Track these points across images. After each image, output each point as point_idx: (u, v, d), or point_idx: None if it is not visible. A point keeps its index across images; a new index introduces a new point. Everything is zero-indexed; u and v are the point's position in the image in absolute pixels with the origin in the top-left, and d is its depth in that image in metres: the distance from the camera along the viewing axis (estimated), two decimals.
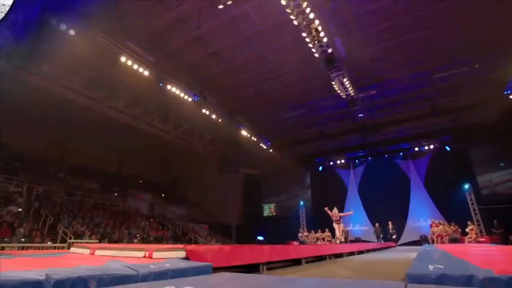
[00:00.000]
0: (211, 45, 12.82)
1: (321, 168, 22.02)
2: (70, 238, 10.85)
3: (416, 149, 18.38)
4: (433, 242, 13.39)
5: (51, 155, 17.95)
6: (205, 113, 15.24)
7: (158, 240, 14.04)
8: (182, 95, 13.69)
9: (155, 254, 2.68)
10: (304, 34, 11.03)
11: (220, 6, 10.07)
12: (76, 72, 13.17)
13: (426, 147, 18.10)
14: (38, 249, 9.20)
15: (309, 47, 11.66)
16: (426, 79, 15.17)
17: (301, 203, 21.43)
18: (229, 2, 10.08)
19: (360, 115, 16.99)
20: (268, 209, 22.92)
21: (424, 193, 17.56)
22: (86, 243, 9.48)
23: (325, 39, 11.40)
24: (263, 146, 19.75)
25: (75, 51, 11.41)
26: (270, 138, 20.18)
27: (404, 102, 16.98)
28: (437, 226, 13.75)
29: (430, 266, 2.00)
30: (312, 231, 16.64)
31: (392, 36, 12.39)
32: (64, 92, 13.18)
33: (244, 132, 17.69)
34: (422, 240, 15.01)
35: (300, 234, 17.38)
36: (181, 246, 2.66)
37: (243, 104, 17.24)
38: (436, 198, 17.01)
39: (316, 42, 11.33)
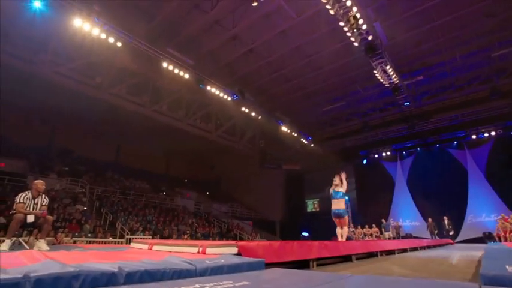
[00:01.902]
0: (247, 43, 12.92)
1: (365, 161, 21.10)
2: (127, 234, 11.76)
3: (474, 136, 16.59)
4: (499, 240, 11.98)
5: (107, 158, 19.58)
6: (244, 111, 15.44)
7: (205, 237, 14.62)
8: (221, 94, 14.01)
9: (208, 250, 2.79)
10: (341, 23, 10.62)
11: (255, 4, 10.09)
12: (123, 80, 14.16)
13: (486, 134, 16.25)
14: (102, 243, 10.12)
15: (347, 36, 11.21)
16: (483, 58, 13.71)
17: (346, 198, 20.75)
18: None
19: (405, 103, 15.92)
20: (312, 205, 22.60)
21: (485, 185, 15.84)
22: (143, 238, 10.21)
23: (364, 26, 10.86)
24: (304, 140, 19.48)
25: (122, 61, 12.27)
26: (311, 133, 19.82)
27: (456, 86, 15.54)
28: (506, 222, 12.15)
29: (507, 266, 1.80)
30: (359, 227, 16.04)
31: (437, 16, 11.38)
32: (114, 99, 14.26)
33: (284, 128, 17.61)
34: (486, 238, 13.60)
35: None
36: (233, 242, 2.73)
37: (282, 100, 17.16)
38: (501, 191, 15.22)
39: (354, 30, 10.84)
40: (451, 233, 14.01)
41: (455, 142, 17.60)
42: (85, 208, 13.02)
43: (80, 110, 14.30)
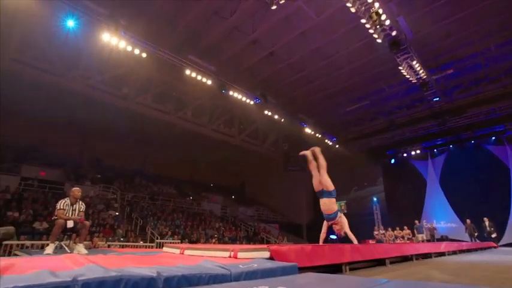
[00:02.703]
0: (267, 46, 12.95)
1: (393, 160, 20.36)
2: (157, 238, 12.10)
3: None
4: None
5: (135, 165, 20.33)
6: (267, 114, 15.46)
7: (232, 240, 14.71)
8: (244, 99, 14.12)
9: (240, 254, 2.79)
10: (363, 20, 10.37)
11: (274, 7, 10.09)
12: (149, 89, 14.67)
13: None
14: (134, 247, 10.47)
15: (369, 33, 10.93)
16: None
17: (374, 199, 20.09)
18: (282, 1, 10.04)
19: (435, 99, 15.19)
20: (339, 207, 22.08)
21: None
22: (174, 243, 10.45)
23: (387, 22, 10.54)
24: (328, 142, 19.15)
25: (147, 71, 12.73)
26: (335, 134, 19.45)
27: (491, 77, 14.62)
28: None
29: None
30: (389, 229, 15.45)
31: (467, 5, 10.78)
32: (140, 108, 14.81)
33: (307, 130, 17.42)
34: None
35: (375, 232, 16.31)
36: (264, 246, 2.72)
37: (304, 102, 16.99)
38: None
39: (377, 26, 10.54)
40: (494, 236, 13.07)
41: (493, 138, 16.53)
42: (117, 213, 13.57)
43: (108, 120, 14.95)
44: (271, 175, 22.63)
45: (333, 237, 20.14)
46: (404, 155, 19.67)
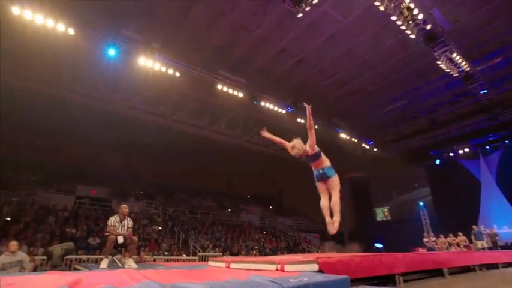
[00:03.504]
0: (296, 54, 12.94)
1: (438, 161, 18.98)
2: (199, 251, 12.33)
3: None
4: None
5: (174, 180, 21.08)
6: (300, 122, 15.31)
7: (273, 252, 14.55)
8: (276, 108, 14.16)
9: (287, 267, 2.73)
10: (394, 17, 9.99)
11: (300, 15, 10.09)
12: (184, 106, 15.27)
13: None
14: (178, 261, 10.76)
15: (401, 30, 10.48)
16: None
17: (421, 203, 18.78)
18: (308, 8, 10.02)
19: (482, 91, 14.03)
20: (382, 213, 20.99)
21: None
22: (217, 256, 10.58)
23: (420, 16, 10.05)
24: (365, 146, 18.43)
25: (182, 89, 13.27)
26: (372, 137, 18.69)
27: None
28: None
29: None
30: (441, 236, 14.24)
31: None
32: (177, 125, 15.45)
33: (343, 135, 16.93)
34: None
35: (425, 240, 15.14)
36: (312, 258, 2.63)
37: (337, 106, 16.58)
38: None
39: (410, 22, 10.09)
40: None
41: None
42: (160, 228, 14.10)
43: (148, 138, 15.76)
44: (309, 183, 22.11)
45: (379, 245, 19.16)
46: (451, 154, 18.26)
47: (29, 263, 6.02)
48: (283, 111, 14.53)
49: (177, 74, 11.53)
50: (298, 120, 15.33)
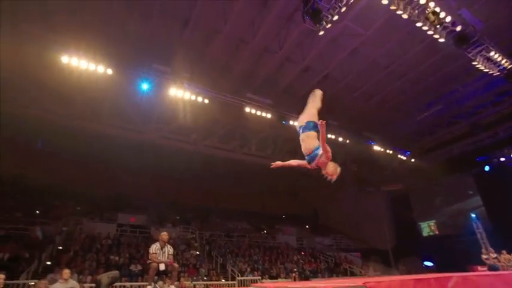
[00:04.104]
0: (320, 70, 12.98)
1: (487, 168, 17.46)
2: (237, 275, 12.16)
3: None
4: None
5: (208, 204, 21.36)
6: (330, 138, 15.06)
7: (314, 274, 13.95)
8: None
9: None
10: (419, 24, 9.73)
11: (321, 33, 10.19)
12: (214, 131, 15.71)
13: None
14: (217, 286, 10.68)
15: (428, 35, 10.15)
16: None
17: (473, 215, 17.16)
18: (328, 26, 10.11)
19: None
20: (428, 228, 19.47)
21: None
22: (256, 280, 10.36)
23: (448, 19, 9.69)
24: (401, 157, 17.57)
25: (211, 115, 13.73)
26: (408, 147, 17.83)
27: None
28: None
29: None
30: (503, 252, 12.69)
31: None
32: (208, 150, 15.86)
33: (376, 147, 16.33)
34: None
35: (484, 257, 13.55)
36: (360, 283, 2.49)
37: (368, 118, 16.16)
38: None
39: (437, 26, 9.77)
40: None
41: None
42: (197, 253, 14.18)
43: (180, 165, 16.28)
44: (344, 200, 21.42)
45: (429, 264, 17.64)
46: (502, 159, 16.73)
47: None
48: None
49: (206, 101, 12.00)
50: (329, 136, 15.09)
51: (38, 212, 14.55)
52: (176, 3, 10.12)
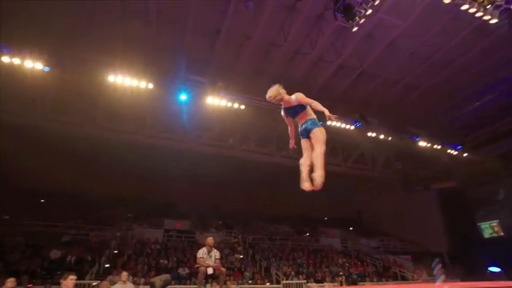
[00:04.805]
0: (355, 67, 12.60)
1: None
2: (282, 279, 12.09)
3: None
4: None
5: (249, 208, 21.56)
6: (371, 136, 14.48)
7: (361, 278, 13.40)
8: (343, 125, 13.72)
9: None
10: (464, 7, 9.00)
11: (355, 29, 9.88)
12: (250, 136, 15.91)
13: None
14: None
15: (476, 17, 9.35)
16: None
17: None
18: (362, 21, 9.77)
19: None
20: (490, 229, 17.61)
21: None
22: (302, 283, 10.24)
23: None
24: (452, 151, 16.27)
25: (247, 119, 13.94)
26: (459, 141, 16.46)
27: None
28: None
29: None
30: None
31: None
32: (246, 154, 16.10)
33: (422, 143, 15.31)
34: None
35: None
36: None
37: (412, 113, 15.27)
38: None
39: (487, 6, 8.95)
40: None
41: None
42: (241, 256, 14.37)
43: (220, 169, 16.65)
44: (390, 199, 20.36)
45: (495, 269, 15.88)
46: None
47: None
48: (352, 127, 13.96)
49: (242, 107, 12.25)
50: (369, 134, 14.54)
51: (95, 219, 15.88)
52: (207, 17, 10.52)
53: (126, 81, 10.69)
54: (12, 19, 9.40)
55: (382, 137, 14.61)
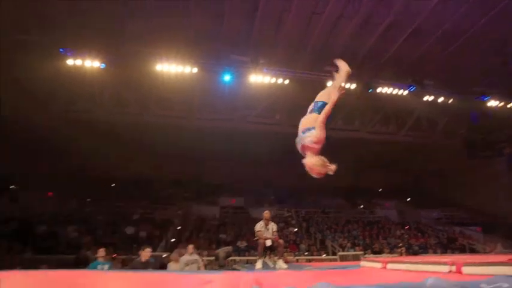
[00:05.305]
0: (406, 26, 11.34)
1: None
2: (338, 251, 12.16)
3: None
4: None
5: (300, 182, 21.56)
6: (427, 100, 13.25)
7: (424, 250, 12.85)
8: (395, 91, 12.75)
9: (466, 269, 2.34)
10: None
11: None
12: (297, 110, 15.56)
13: None
14: (319, 261, 10.92)
15: None
16: None
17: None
18: None
19: None
20: None
21: None
22: (361, 255, 10.21)
23: None
24: None
25: (292, 94, 13.66)
26: None
27: None
28: None
29: None
30: None
31: None
32: (293, 129, 15.90)
33: (491, 103, 13.58)
34: None
35: None
36: (503, 259, 2.18)
37: (476, 71, 13.46)
38: None
39: None
40: None
41: None
42: (295, 230, 14.71)
43: (269, 146, 16.76)
44: (453, 167, 18.73)
45: None
46: None
47: (202, 263, 7.40)
48: (405, 92, 12.89)
49: (286, 81, 12.03)
50: (425, 98, 13.30)
51: (158, 199, 17.48)
52: None
53: (172, 68, 11.16)
54: (70, 23, 10.28)
55: (441, 99, 13.26)
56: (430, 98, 13.23)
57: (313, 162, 2.67)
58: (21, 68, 10.97)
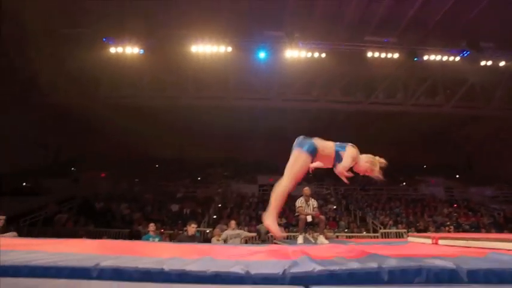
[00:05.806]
0: None
1: None
2: (380, 228, 11.87)
3: None
4: None
5: None
6: (484, 66, 11.92)
7: (475, 229, 12.05)
8: (445, 58, 11.62)
9: None
10: None
11: None
12: (335, 85, 14.95)
13: None
14: (360, 237, 10.79)
15: None
16: None
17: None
18: None
19: None
20: None
21: None
22: (403, 232, 9.92)
23: None
24: None
25: (330, 67, 13.06)
26: None
27: None
28: None
29: None
30: None
31: None
32: (331, 105, 15.40)
33: None
34: None
35: None
36: None
37: None
38: None
39: None
40: None
41: None
42: (335, 207, 14.57)
43: (305, 123, 16.42)
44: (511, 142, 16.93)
45: None
46: None
47: (243, 237, 7.71)
48: (457, 58, 11.70)
49: (323, 54, 11.55)
50: (482, 63, 11.95)
51: (199, 178, 18.27)
52: None
53: (207, 48, 11.23)
54: (110, 13, 10.69)
55: (502, 64, 11.82)
56: (489, 63, 11.85)
57: (366, 163, 2.74)
58: (71, 59, 11.82)
